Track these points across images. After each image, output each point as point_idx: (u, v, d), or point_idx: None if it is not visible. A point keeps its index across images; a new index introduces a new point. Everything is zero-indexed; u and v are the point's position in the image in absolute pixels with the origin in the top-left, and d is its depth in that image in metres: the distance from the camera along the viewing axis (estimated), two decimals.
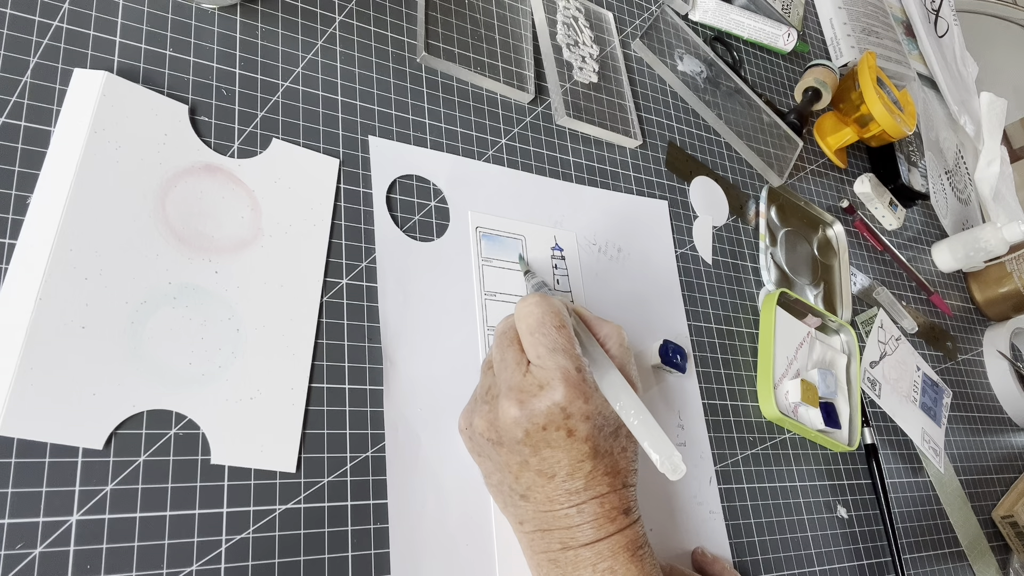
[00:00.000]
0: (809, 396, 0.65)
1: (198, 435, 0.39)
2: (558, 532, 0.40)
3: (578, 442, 0.38)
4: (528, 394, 0.38)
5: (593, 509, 0.39)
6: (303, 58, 0.51)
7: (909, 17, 1.17)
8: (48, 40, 0.42)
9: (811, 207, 0.80)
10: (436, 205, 0.53)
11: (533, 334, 0.40)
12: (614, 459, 0.41)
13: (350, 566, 0.41)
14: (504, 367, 0.40)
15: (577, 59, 0.67)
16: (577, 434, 0.38)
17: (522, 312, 0.41)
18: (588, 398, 0.38)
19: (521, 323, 0.41)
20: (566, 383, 0.37)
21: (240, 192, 0.45)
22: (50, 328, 0.37)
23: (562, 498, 0.40)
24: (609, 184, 0.65)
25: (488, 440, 0.41)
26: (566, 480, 0.39)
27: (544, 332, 0.39)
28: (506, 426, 0.39)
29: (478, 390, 0.43)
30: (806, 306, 0.70)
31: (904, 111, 0.92)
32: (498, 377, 0.41)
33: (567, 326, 0.40)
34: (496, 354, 0.42)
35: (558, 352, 0.39)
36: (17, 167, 0.39)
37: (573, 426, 0.38)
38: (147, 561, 0.36)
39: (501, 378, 0.40)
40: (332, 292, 0.46)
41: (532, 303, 0.41)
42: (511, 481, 0.41)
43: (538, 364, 0.39)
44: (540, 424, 0.38)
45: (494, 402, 0.40)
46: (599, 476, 0.40)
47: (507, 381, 0.39)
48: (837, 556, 0.63)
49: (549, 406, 0.38)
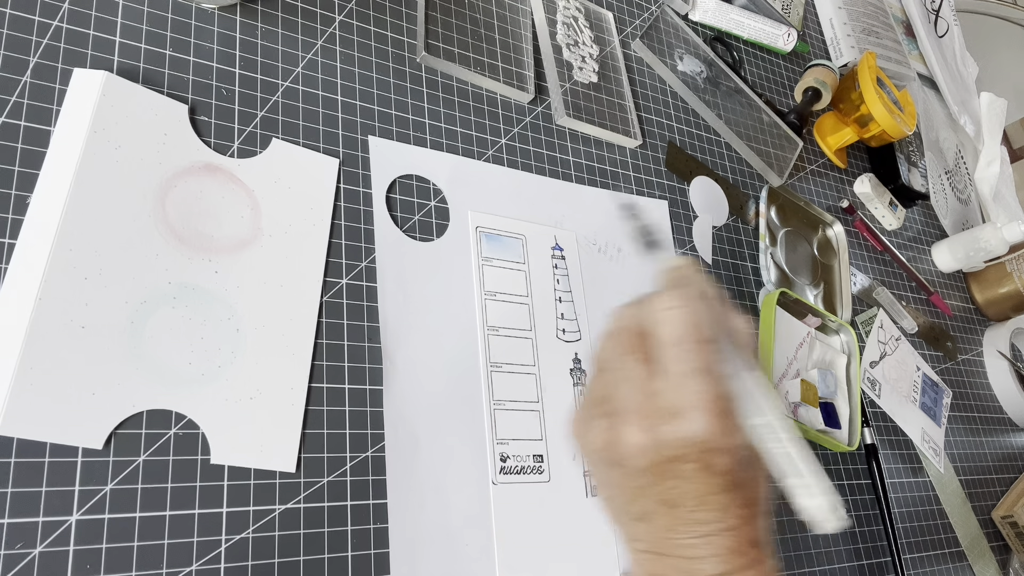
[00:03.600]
0: (809, 396, 0.65)
1: (198, 435, 0.39)
2: (676, 560, 0.35)
3: (714, 476, 0.33)
4: (659, 420, 0.33)
5: (722, 542, 0.34)
6: (303, 58, 0.51)
7: (909, 17, 1.17)
8: (48, 40, 0.42)
9: (811, 207, 0.80)
10: (436, 205, 0.53)
11: (674, 346, 0.33)
12: (751, 489, 0.35)
13: (350, 566, 0.41)
14: (627, 380, 0.34)
15: (577, 59, 0.67)
16: (714, 468, 0.33)
17: (663, 316, 0.34)
18: (733, 432, 0.33)
19: (661, 329, 0.34)
20: (708, 414, 0.32)
21: (240, 192, 0.45)
22: (50, 328, 0.37)
23: (685, 528, 0.34)
24: (609, 184, 0.65)
25: (602, 459, 0.36)
26: (693, 511, 0.34)
27: (688, 346, 0.33)
28: (628, 453, 0.34)
29: (591, 395, 0.37)
30: (806, 306, 0.70)
31: (904, 111, 0.92)
32: (617, 390, 0.35)
33: (714, 339, 0.34)
34: (612, 359, 0.35)
35: (701, 374, 0.32)
36: (17, 167, 0.39)
37: (710, 461, 0.33)
38: (147, 561, 0.36)
39: (622, 393, 0.34)
40: (332, 292, 0.46)
41: (676, 308, 0.34)
42: (625, 502, 0.36)
43: (676, 384, 0.33)
44: (669, 456, 0.33)
45: (615, 422, 0.34)
46: (733, 508, 0.34)
47: (631, 400, 0.34)
48: (837, 556, 0.63)
49: (682, 438, 0.32)
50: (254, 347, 0.42)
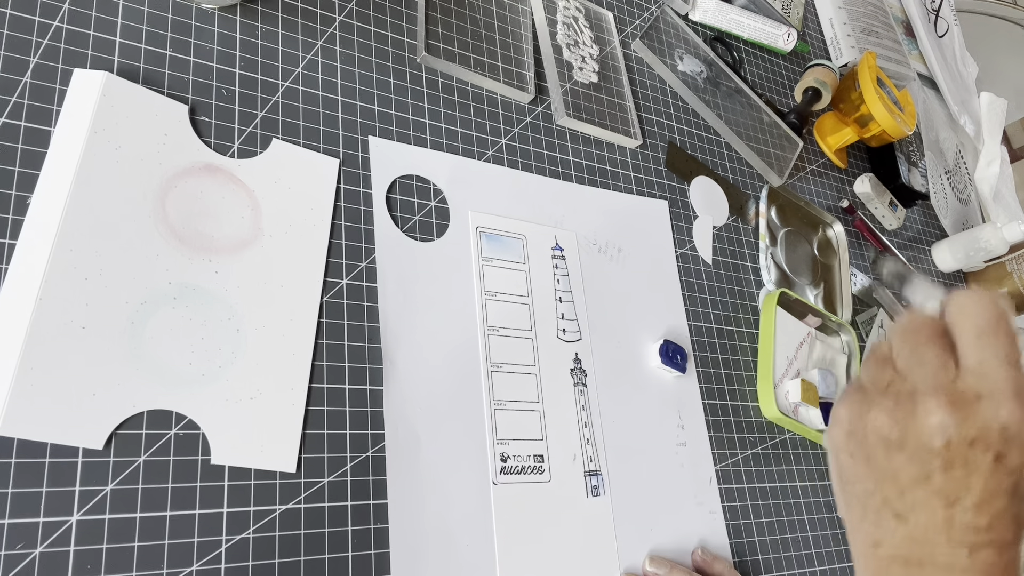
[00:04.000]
0: (809, 396, 0.65)
1: (198, 435, 0.39)
2: (931, 570, 0.34)
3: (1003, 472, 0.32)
4: (962, 400, 0.33)
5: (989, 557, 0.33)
6: (303, 58, 0.51)
7: (909, 17, 1.17)
8: (48, 40, 0.42)
9: (811, 207, 0.80)
10: (436, 205, 0.53)
11: (982, 336, 0.34)
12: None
13: (350, 566, 0.41)
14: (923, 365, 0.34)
15: (577, 59, 0.67)
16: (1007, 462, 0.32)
17: (970, 308, 0.35)
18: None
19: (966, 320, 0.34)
20: (1017, 399, 0.32)
21: (240, 192, 0.45)
22: (50, 328, 0.37)
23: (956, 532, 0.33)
24: (609, 184, 0.65)
25: (882, 439, 0.35)
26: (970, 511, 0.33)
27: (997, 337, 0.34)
28: (923, 429, 0.33)
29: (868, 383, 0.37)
30: (806, 306, 0.70)
31: (904, 111, 0.92)
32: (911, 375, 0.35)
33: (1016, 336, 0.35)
34: (903, 350, 0.35)
35: (1010, 364, 0.33)
36: (17, 167, 0.39)
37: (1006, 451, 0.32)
38: (147, 561, 0.36)
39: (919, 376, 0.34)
40: (332, 292, 0.46)
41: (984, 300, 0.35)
42: (892, 494, 0.35)
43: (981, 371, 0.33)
44: (969, 437, 0.32)
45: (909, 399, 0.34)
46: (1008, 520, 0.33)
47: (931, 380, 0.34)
48: (837, 556, 0.63)
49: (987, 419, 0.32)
50: (254, 347, 0.42)
